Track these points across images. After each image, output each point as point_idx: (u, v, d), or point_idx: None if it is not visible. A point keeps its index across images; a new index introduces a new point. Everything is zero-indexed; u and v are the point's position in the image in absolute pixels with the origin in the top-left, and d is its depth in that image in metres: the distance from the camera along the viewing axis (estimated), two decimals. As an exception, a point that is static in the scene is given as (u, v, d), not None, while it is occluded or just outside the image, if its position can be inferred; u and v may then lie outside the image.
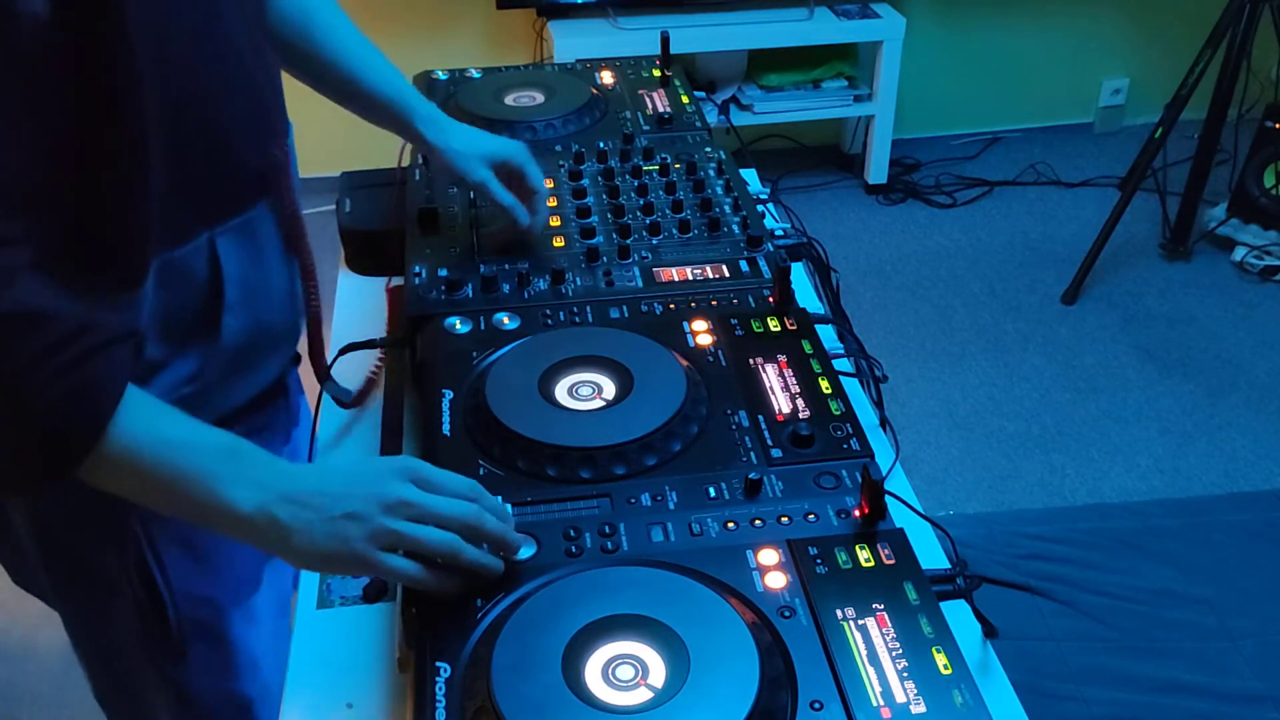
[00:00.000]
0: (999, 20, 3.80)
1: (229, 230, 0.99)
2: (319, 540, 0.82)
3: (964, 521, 2.41)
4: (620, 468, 0.97)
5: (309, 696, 0.94)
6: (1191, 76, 3.09)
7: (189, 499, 0.82)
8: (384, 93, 1.24)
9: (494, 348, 1.11)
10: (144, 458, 0.81)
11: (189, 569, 1.06)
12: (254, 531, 0.82)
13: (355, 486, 0.84)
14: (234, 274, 1.00)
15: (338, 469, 1.00)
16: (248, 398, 1.09)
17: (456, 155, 1.25)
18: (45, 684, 2.11)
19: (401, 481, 0.85)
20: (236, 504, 0.81)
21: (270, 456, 0.86)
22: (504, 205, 1.25)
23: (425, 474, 0.87)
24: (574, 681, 0.78)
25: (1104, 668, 2.03)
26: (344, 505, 0.83)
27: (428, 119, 1.25)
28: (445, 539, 0.84)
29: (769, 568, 0.87)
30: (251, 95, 1.01)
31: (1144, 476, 2.60)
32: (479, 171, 1.25)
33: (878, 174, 3.70)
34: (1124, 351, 3.02)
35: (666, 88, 1.65)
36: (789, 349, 1.11)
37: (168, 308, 0.95)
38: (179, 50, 0.88)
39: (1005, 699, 0.93)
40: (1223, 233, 3.36)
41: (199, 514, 0.83)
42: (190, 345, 0.99)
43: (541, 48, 3.46)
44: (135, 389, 0.83)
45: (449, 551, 0.84)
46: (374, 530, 0.82)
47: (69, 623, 1.13)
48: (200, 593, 1.07)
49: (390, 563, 0.83)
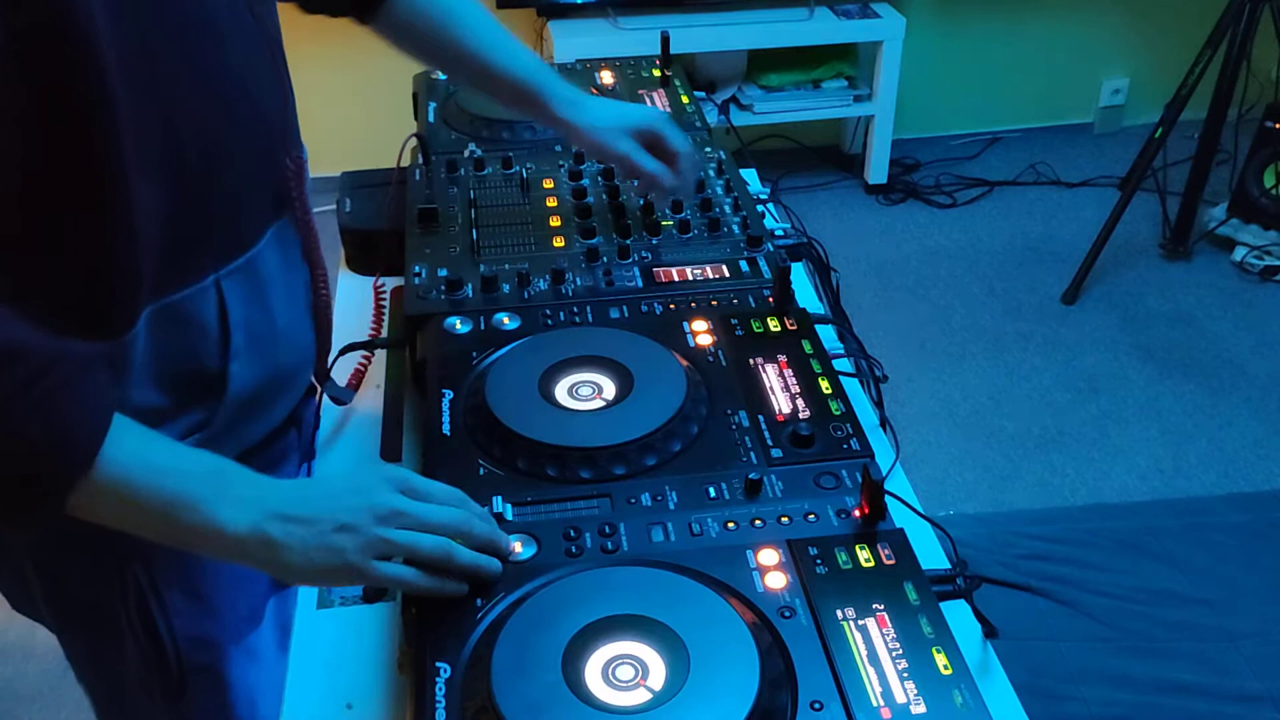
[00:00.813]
0: (999, 20, 3.80)
1: (235, 271, 0.96)
2: (313, 555, 0.81)
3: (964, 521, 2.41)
4: (620, 468, 0.97)
5: (309, 697, 0.94)
6: (1191, 76, 3.09)
7: (179, 525, 0.80)
8: (520, 76, 1.24)
9: (494, 348, 1.11)
10: (131, 485, 0.79)
11: (190, 611, 1.04)
12: (247, 552, 0.81)
13: (346, 498, 0.84)
14: (239, 319, 0.97)
15: (326, 482, 1.00)
16: (257, 439, 1.06)
17: (598, 131, 1.25)
18: (45, 684, 2.11)
19: (391, 491, 0.85)
20: (226, 525, 0.80)
21: (257, 475, 0.85)
22: (650, 173, 1.26)
23: (413, 483, 0.87)
24: (574, 681, 0.78)
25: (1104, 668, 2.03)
26: (336, 518, 0.82)
27: (565, 99, 1.25)
28: (438, 543, 0.84)
29: (769, 568, 0.87)
30: (264, 109, 0.97)
31: (1144, 476, 2.60)
32: (622, 143, 1.25)
33: (878, 174, 3.70)
34: (1124, 351, 3.02)
35: (666, 88, 1.65)
36: (789, 349, 1.11)
37: (172, 356, 0.92)
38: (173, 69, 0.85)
39: (1005, 699, 0.93)
40: (1223, 233, 3.36)
41: (191, 539, 0.82)
42: (196, 396, 0.96)
43: (541, 48, 3.47)
44: (119, 417, 0.81)
45: (443, 555, 0.84)
46: (367, 541, 0.82)
47: (70, 654, 1.12)
48: (201, 634, 1.06)
49: (386, 571, 0.83)
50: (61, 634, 1.10)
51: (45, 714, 2.07)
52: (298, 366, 1.10)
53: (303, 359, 1.10)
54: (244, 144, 0.95)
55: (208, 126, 0.90)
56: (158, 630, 1.03)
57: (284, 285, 1.04)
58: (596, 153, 1.29)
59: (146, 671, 1.05)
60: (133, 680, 1.07)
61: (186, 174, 0.88)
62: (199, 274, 0.93)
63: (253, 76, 0.96)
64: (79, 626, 1.08)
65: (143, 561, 1.00)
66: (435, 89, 1.62)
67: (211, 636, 1.07)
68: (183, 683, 1.06)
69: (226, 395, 0.98)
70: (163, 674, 1.05)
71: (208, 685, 1.09)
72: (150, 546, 0.98)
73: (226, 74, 0.92)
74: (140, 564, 1.00)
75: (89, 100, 0.77)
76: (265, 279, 1.00)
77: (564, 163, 1.44)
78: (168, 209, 0.86)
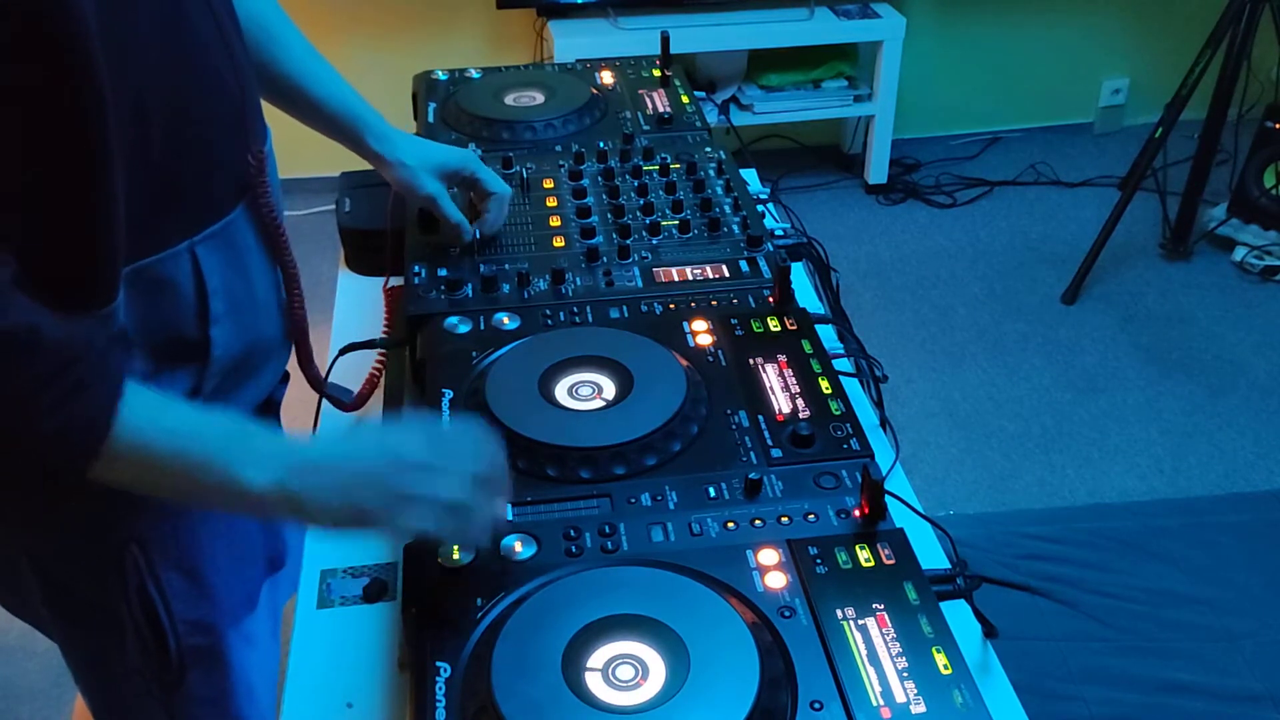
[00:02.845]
0: (999, 20, 3.80)
1: (210, 238, 0.97)
2: (335, 507, 0.84)
3: (964, 521, 2.41)
4: (620, 468, 0.97)
5: (309, 696, 0.94)
6: (1191, 76, 3.08)
7: (203, 485, 0.83)
8: (335, 105, 1.23)
9: (494, 348, 1.11)
10: (152, 451, 0.82)
11: (188, 593, 1.05)
12: (270, 507, 0.84)
13: (364, 450, 0.87)
14: (218, 285, 0.98)
15: (344, 436, 1.01)
16: (247, 412, 1.07)
17: (408, 169, 1.25)
18: (45, 682, 2.11)
19: (408, 440, 0.88)
20: (250, 483, 0.82)
21: (275, 432, 0.88)
22: (452, 221, 1.26)
23: (431, 431, 0.91)
24: (574, 681, 0.78)
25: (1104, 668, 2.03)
26: (355, 469, 0.85)
27: (378, 133, 1.25)
28: (455, 492, 0.85)
29: (769, 568, 0.87)
30: (225, 99, 0.99)
31: (1144, 476, 2.60)
32: (429, 185, 1.25)
33: (878, 174, 3.70)
34: (1124, 351, 3.01)
35: (666, 88, 1.65)
36: (789, 349, 1.11)
37: (153, 323, 0.94)
38: (144, 55, 0.87)
39: (1005, 699, 0.93)
40: (1223, 233, 3.36)
41: (214, 497, 0.85)
42: (181, 362, 0.98)
43: (541, 48, 3.47)
44: (133, 385, 0.82)
45: (461, 502, 0.85)
46: (386, 490, 0.84)
47: (69, 656, 1.13)
48: (200, 617, 1.07)
49: (405, 519, 0.85)
50: (60, 635, 1.11)
51: (46, 713, 2.07)
52: (278, 339, 1.11)
53: (282, 331, 1.11)
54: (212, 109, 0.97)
55: (178, 99, 0.91)
56: (158, 616, 1.04)
57: (261, 259, 1.05)
58: (405, 191, 1.27)
59: (146, 663, 1.06)
60: (132, 676, 1.07)
61: (152, 142, 0.89)
62: (171, 240, 0.94)
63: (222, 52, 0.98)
64: (78, 624, 1.08)
65: (140, 545, 1.01)
66: (435, 89, 1.62)
67: (210, 620, 1.08)
68: (182, 672, 1.07)
69: (210, 361, 1.00)
70: (162, 663, 1.06)
71: (207, 672, 1.09)
72: (147, 530, 1.00)
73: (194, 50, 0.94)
74: (137, 546, 1.01)
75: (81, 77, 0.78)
76: (243, 249, 1.02)
77: (564, 163, 1.44)
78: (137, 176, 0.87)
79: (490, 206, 1.28)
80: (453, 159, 1.28)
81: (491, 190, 1.28)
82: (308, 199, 3.30)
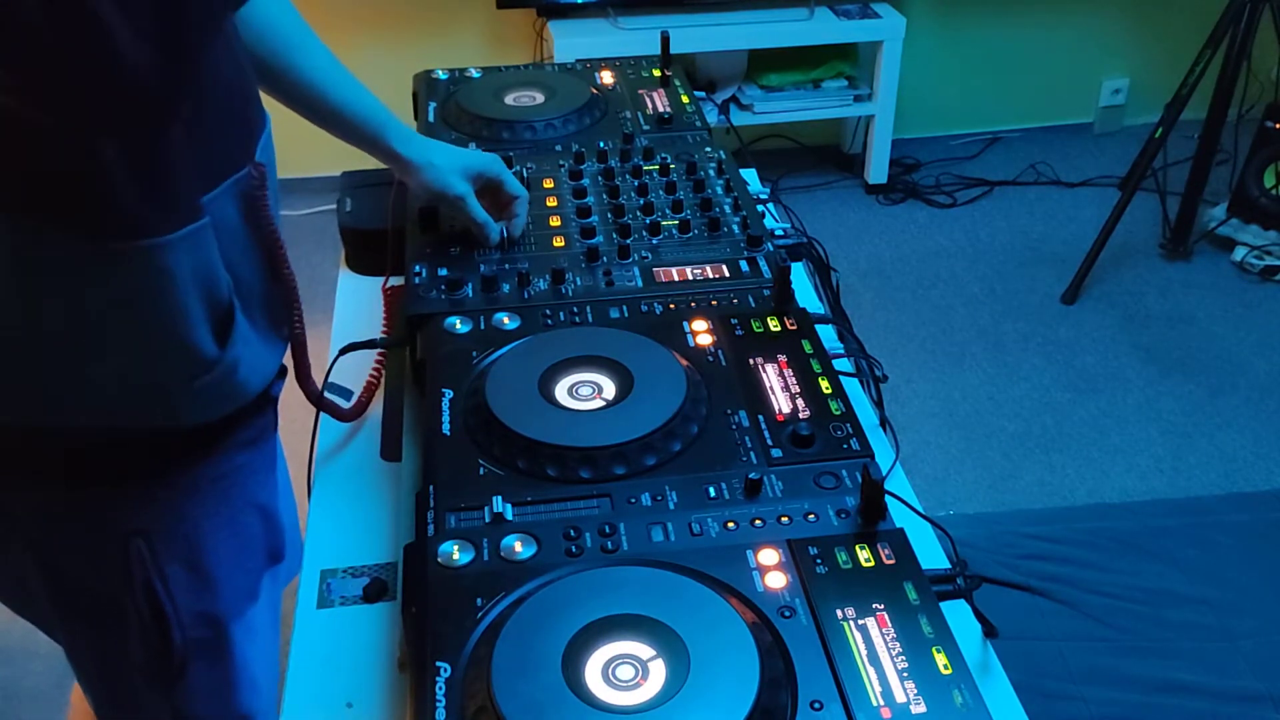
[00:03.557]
0: (999, 20, 3.80)
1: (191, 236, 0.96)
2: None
3: (964, 521, 2.41)
4: (620, 468, 0.97)
5: (309, 696, 0.94)
6: (1191, 76, 3.09)
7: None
8: (357, 110, 1.24)
9: (494, 348, 1.11)
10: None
11: (192, 586, 1.06)
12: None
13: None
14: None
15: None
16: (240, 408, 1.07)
17: (436, 170, 1.26)
18: (47, 683, 2.11)
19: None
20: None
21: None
22: (478, 222, 1.27)
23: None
24: (574, 681, 0.78)
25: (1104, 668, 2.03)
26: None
27: (402, 136, 1.26)
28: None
29: (769, 568, 0.87)
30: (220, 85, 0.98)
31: (1144, 476, 2.60)
32: (459, 186, 1.26)
33: (878, 174, 3.70)
34: (1124, 351, 3.02)
35: (666, 88, 1.65)
36: (789, 349, 1.11)
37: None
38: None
39: (1005, 699, 0.93)
40: (1223, 233, 3.36)
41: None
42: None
43: (541, 47, 3.47)
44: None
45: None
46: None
47: (72, 653, 1.13)
48: (204, 609, 1.08)
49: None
50: (64, 631, 1.11)
51: (47, 713, 2.07)
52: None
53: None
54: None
55: None
56: (163, 608, 1.04)
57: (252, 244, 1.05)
58: (432, 192, 1.27)
59: (149, 658, 1.06)
60: (136, 672, 1.08)
61: None
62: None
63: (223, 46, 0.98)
64: (83, 619, 1.08)
65: (144, 538, 1.02)
66: (435, 88, 1.62)
67: (213, 612, 1.08)
68: (185, 664, 1.07)
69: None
70: (166, 658, 1.06)
71: (210, 664, 1.10)
72: (151, 523, 1.01)
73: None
74: (142, 540, 1.02)
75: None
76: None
77: (564, 163, 1.44)
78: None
79: (516, 209, 1.29)
80: (480, 162, 1.29)
81: (515, 194, 1.30)
82: (308, 199, 3.30)
